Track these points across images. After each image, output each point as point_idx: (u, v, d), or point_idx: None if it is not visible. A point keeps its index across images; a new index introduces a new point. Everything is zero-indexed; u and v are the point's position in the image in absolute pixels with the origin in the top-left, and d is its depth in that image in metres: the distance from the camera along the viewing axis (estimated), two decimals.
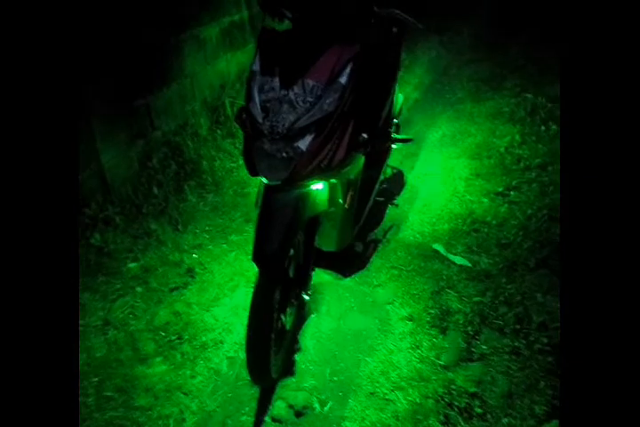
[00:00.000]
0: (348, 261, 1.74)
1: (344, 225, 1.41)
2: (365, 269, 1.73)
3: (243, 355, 1.44)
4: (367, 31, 1.09)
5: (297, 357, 1.42)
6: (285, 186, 1.05)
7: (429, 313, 1.50)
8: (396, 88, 1.84)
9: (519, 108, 2.41)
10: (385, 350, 1.43)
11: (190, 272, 1.76)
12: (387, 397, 1.29)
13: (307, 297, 1.34)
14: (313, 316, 1.56)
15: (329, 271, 1.72)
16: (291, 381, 1.35)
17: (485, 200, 1.95)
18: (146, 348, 1.48)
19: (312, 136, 1.01)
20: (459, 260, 1.68)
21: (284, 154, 1.01)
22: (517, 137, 2.21)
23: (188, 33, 2.22)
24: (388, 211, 1.97)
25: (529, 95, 2.51)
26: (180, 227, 1.96)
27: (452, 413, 1.21)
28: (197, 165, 2.21)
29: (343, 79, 1.02)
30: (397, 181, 2.14)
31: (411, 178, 2.16)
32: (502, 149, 2.19)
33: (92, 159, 1.87)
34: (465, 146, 2.30)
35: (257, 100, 1.03)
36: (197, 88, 2.34)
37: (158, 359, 1.44)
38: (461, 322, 1.44)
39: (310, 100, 1.00)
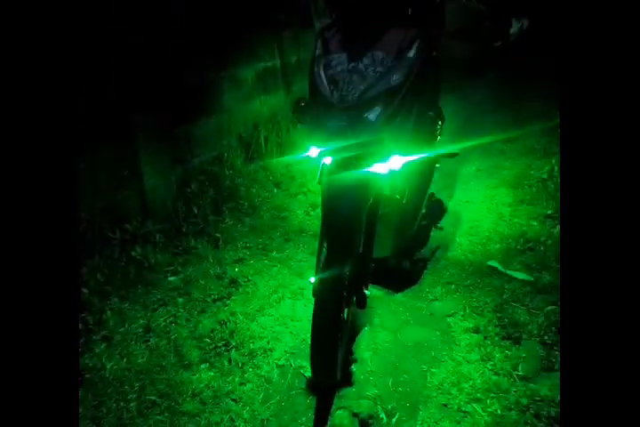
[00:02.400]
0: (398, 278, 1.66)
1: (401, 222, 1.36)
2: (417, 285, 1.64)
3: (294, 364, 1.32)
4: (431, 14, 1.14)
5: (354, 367, 1.30)
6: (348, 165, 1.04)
7: (497, 325, 1.39)
8: None
9: (552, 145, 2.50)
10: (452, 361, 1.30)
11: (234, 283, 1.70)
12: (462, 409, 1.14)
13: (367, 292, 1.25)
14: (366, 328, 1.45)
15: (378, 287, 1.64)
16: (350, 391, 1.21)
17: (535, 223, 1.92)
18: (190, 354, 1.38)
19: (381, 108, 1.02)
20: (519, 275, 1.60)
21: (354, 125, 1.01)
22: (556, 168, 2.25)
23: (226, 72, 2.41)
24: (432, 233, 1.94)
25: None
26: (220, 244, 1.94)
27: (541, 424, 1.05)
28: (234, 192, 2.26)
29: (411, 53, 1.05)
30: (437, 207, 2.13)
31: (451, 205, 2.16)
32: (544, 176, 2.22)
33: (134, 180, 1.95)
34: (502, 177, 2.34)
35: (323, 76, 1.06)
36: (233, 123, 2.48)
37: (204, 366, 1.34)
38: (536, 332, 1.32)
39: (380, 70, 1.02)
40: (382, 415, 1.12)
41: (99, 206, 1.81)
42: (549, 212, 1.95)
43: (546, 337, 1.29)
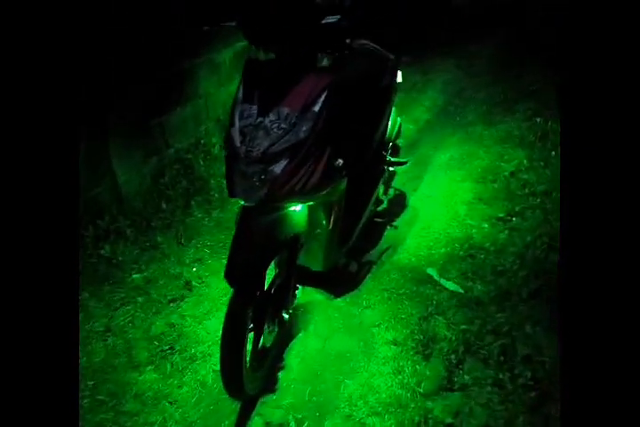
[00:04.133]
0: (341, 281, 1.75)
1: (329, 246, 1.43)
2: (357, 290, 1.73)
3: None
4: (341, 62, 1.13)
5: (280, 374, 1.44)
6: (261, 207, 1.09)
7: (415, 339, 1.49)
8: (393, 111, 1.87)
9: (529, 133, 2.38)
10: (366, 373, 1.42)
11: (188, 285, 1.82)
12: (363, 421, 1.28)
13: (286, 316, 1.36)
14: (300, 335, 1.58)
15: (321, 290, 1.74)
16: (271, 398, 1.37)
17: (486, 225, 1.92)
18: (139, 356, 1.53)
19: (286, 161, 1.05)
20: (451, 285, 1.66)
21: (260, 177, 1.06)
22: (525, 161, 2.17)
23: (200, 59, 2.33)
24: (386, 232, 1.98)
25: (539, 119, 2.47)
26: (183, 241, 2.04)
27: None
28: (206, 183, 2.29)
29: (317, 107, 1.06)
30: (399, 202, 2.14)
31: (413, 200, 2.16)
32: (508, 174, 2.17)
33: (107, 175, 2.00)
34: (471, 169, 2.29)
35: (237, 125, 1.09)
36: (211, 108, 2.46)
37: (149, 368, 1.49)
38: (446, 350, 1.42)
39: (284, 126, 1.05)
40: (292, 424, 1.29)
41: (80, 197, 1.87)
42: (501, 214, 1.94)
43: (452, 356, 1.39)
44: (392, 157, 1.93)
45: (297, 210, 1.22)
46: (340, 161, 1.17)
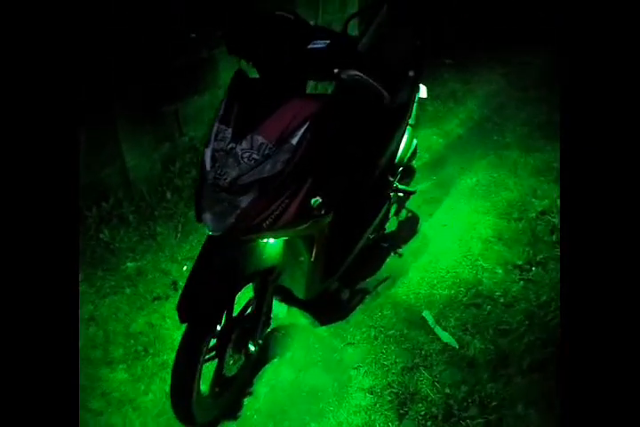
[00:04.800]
0: (329, 308, 1.62)
1: (310, 277, 1.33)
2: (344, 321, 1.60)
3: None
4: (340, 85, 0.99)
5: (246, 401, 1.35)
6: (228, 238, 0.99)
7: (393, 391, 1.36)
8: (408, 131, 1.69)
9: None
10: (334, 420, 1.31)
11: (174, 285, 1.73)
12: None
13: (252, 348, 1.26)
14: (275, 360, 1.47)
15: (307, 314, 1.61)
16: (231, 425, 1.29)
17: (500, 271, 1.74)
18: (115, 352, 1.49)
19: (254, 195, 0.94)
20: (445, 337, 1.50)
21: (227, 207, 0.95)
22: (559, 202, 1.95)
23: (223, 47, 2.23)
24: (388, 259, 1.82)
25: None
26: (180, 235, 1.94)
27: None
28: None
29: (295, 140, 0.94)
30: (409, 227, 1.97)
31: (425, 226, 1.98)
32: (537, 213, 1.95)
33: (116, 158, 1.96)
34: (497, 201, 2.07)
35: (210, 146, 0.98)
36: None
37: (122, 366, 1.45)
38: (423, 413, 1.28)
39: (256, 157, 0.93)
40: None
41: (80, 183, 1.84)
42: (520, 261, 1.74)
43: (429, 423, 1.25)
44: (404, 180, 1.75)
45: (269, 242, 1.11)
46: (319, 199, 1.04)
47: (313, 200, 1.03)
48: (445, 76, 2.96)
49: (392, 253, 1.84)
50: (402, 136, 1.62)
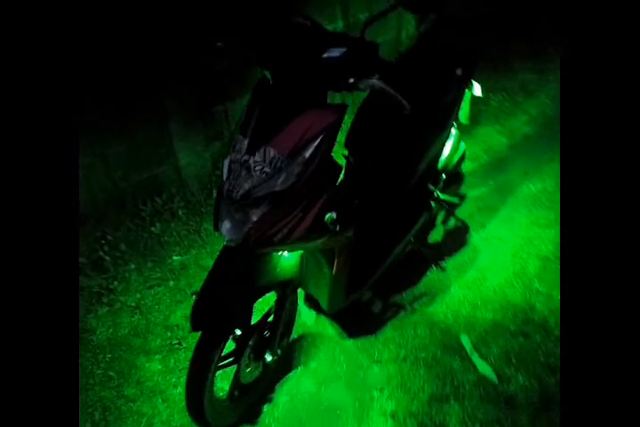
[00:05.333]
0: (359, 320, 1.53)
1: (333, 291, 1.27)
2: (373, 336, 1.50)
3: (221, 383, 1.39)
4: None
5: (265, 407, 1.33)
6: (242, 249, 0.96)
7: (417, 421, 1.25)
8: (455, 135, 1.53)
9: None
10: None
11: None
12: None
13: (269, 358, 1.22)
14: (298, 369, 1.42)
15: (335, 324, 1.54)
16: None
17: (557, 296, 1.52)
18: (154, 342, 1.55)
19: (266, 209, 0.90)
20: (484, 367, 1.35)
21: (240, 219, 0.92)
22: None
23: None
24: (429, 273, 1.68)
25: None
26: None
27: None
28: None
29: (308, 153, 0.88)
30: (458, 237, 1.80)
31: (475, 238, 1.79)
32: None
33: (170, 155, 2.04)
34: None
35: (228, 157, 0.95)
36: None
37: (157, 357, 1.50)
38: None
39: (268, 170, 0.88)
40: None
41: (136, 179, 1.95)
42: None
43: None
44: (451, 188, 1.58)
45: (284, 255, 1.07)
46: (333, 215, 0.98)
47: (327, 215, 0.97)
48: (515, 66, 2.65)
49: (433, 266, 1.69)
50: (445, 140, 1.47)
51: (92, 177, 1.84)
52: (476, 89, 1.44)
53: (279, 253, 1.06)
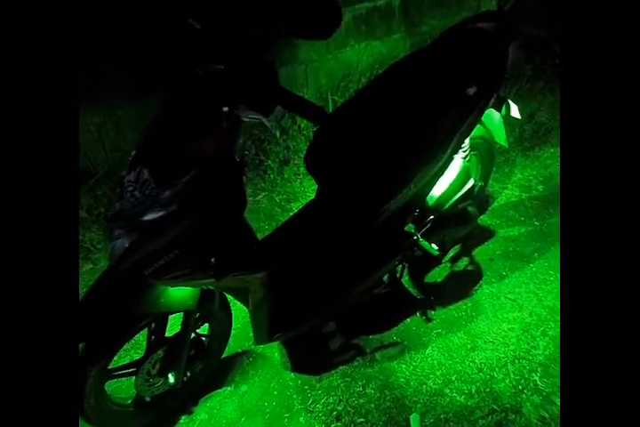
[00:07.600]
0: (312, 352, 1.34)
1: (255, 327, 1.13)
2: (316, 379, 1.29)
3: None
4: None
5: (183, 418, 1.22)
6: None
7: None
8: (462, 168, 1.23)
9: None
10: None
11: None
12: None
13: (172, 379, 1.10)
14: (227, 389, 1.28)
15: (285, 350, 1.36)
16: None
17: (558, 403, 1.17)
18: None
19: (127, 239, 0.76)
20: None
21: (113, 239, 0.79)
22: None
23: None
24: (411, 320, 1.40)
25: None
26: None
27: None
28: (267, 158, 1.99)
29: (181, 182, 0.71)
30: (462, 284, 1.49)
31: (483, 291, 1.45)
32: None
33: None
34: None
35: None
36: (312, 76, 2.20)
37: None
38: None
39: (137, 195, 0.73)
40: None
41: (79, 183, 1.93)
42: None
43: None
44: (455, 228, 1.29)
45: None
46: (212, 259, 0.82)
47: (212, 259, 0.80)
48: None
49: (418, 313, 1.40)
50: (438, 173, 1.17)
51: (105, 136, 1.81)
52: (513, 110, 1.13)
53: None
